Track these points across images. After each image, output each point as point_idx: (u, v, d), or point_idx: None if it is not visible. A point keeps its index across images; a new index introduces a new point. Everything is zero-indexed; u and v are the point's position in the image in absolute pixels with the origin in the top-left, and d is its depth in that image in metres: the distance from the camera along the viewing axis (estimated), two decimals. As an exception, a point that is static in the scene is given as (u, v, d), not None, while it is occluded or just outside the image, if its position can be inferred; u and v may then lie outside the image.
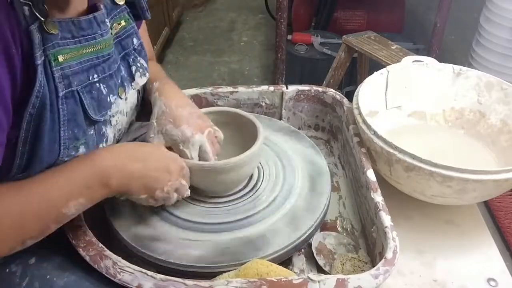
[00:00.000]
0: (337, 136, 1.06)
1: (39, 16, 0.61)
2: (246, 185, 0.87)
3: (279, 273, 0.70)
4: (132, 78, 0.82)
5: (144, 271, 0.66)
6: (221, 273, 0.72)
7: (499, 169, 0.77)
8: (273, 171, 0.90)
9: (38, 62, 0.62)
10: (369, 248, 0.82)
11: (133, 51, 0.82)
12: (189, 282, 0.64)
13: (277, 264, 0.73)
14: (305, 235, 0.78)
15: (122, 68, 0.80)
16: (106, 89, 0.74)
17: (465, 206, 0.90)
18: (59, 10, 0.67)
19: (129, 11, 0.82)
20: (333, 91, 1.06)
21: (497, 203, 0.99)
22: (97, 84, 0.72)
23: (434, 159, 0.77)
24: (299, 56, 2.27)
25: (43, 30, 0.62)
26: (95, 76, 0.71)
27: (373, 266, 0.69)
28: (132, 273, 0.66)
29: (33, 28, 0.61)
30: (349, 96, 0.97)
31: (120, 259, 0.68)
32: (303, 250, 0.82)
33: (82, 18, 0.69)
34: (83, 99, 0.69)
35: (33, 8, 0.61)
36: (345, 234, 0.87)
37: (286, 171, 0.90)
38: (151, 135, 0.81)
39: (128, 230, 0.78)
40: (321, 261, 0.80)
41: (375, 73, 0.99)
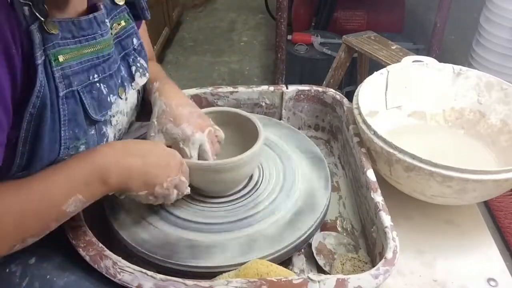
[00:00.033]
0: (337, 136, 1.06)
1: (39, 16, 0.62)
2: (246, 185, 0.87)
3: (279, 273, 0.70)
4: (132, 78, 0.82)
5: (144, 271, 0.66)
6: (221, 273, 0.72)
7: (499, 169, 0.77)
8: (273, 171, 0.90)
9: (38, 62, 0.62)
10: (369, 248, 0.82)
11: (133, 51, 0.83)
12: (189, 282, 0.64)
13: (277, 264, 0.73)
14: (305, 235, 0.78)
15: (122, 68, 0.80)
16: (106, 89, 0.74)
17: (465, 206, 0.90)
18: (59, 10, 0.68)
19: (129, 11, 0.82)
20: (333, 91, 1.06)
21: (497, 203, 0.99)
22: (98, 84, 0.72)
23: (434, 159, 0.77)
24: (299, 56, 2.27)
25: (43, 30, 0.62)
26: (96, 76, 0.71)
27: (373, 266, 0.69)
28: (132, 273, 0.66)
29: (33, 28, 0.61)
30: (349, 96, 0.97)
31: (120, 259, 0.68)
32: (303, 250, 0.82)
33: (82, 18, 0.69)
34: (84, 99, 0.69)
35: (33, 8, 0.61)
36: (345, 234, 0.87)
37: (286, 171, 0.90)
38: (152, 134, 0.81)
39: (128, 230, 0.78)
40: (321, 261, 0.80)
41: (375, 73, 0.99)
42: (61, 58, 0.65)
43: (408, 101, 1.03)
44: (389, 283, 0.75)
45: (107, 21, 0.74)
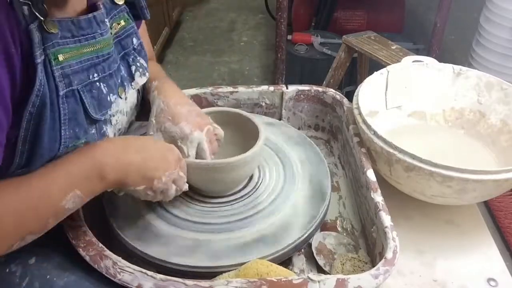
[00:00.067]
0: (337, 136, 1.06)
1: (39, 15, 0.62)
2: (246, 185, 0.87)
3: (279, 273, 0.70)
4: (132, 77, 0.82)
5: (144, 271, 0.66)
6: (221, 273, 0.72)
7: (499, 169, 0.77)
8: (273, 171, 0.90)
9: (38, 61, 0.62)
10: (369, 248, 0.82)
11: (132, 51, 0.83)
12: (189, 282, 0.64)
13: (277, 264, 0.73)
14: (305, 235, 0.78)
15: (122, 67, 0.80)
16: (106, 88, 0.74)
17: (465, 206, 0.90)
18: (58, 9, 0.68)
19: (128, 11, 0.82)
20: (333, 91, 1.06)
21: (497, 203, 0.99)
22: (97, 83, 0.72)
23: (434, 159, 0.77)
24: (299, 56, 2.27)
25: (42, 29, 0.62)
26: (95, 75, 0.71)
27: (373, 266, 0.69)
28: (132, 273, 0.66)
29: (33, 27, 0.61)
30: (349, 96, 0.97)
31: (120, 259, 0.68)
32: (303, 250, 0.82)
33: (81, 17, 0.69)
34: (84, 98, 0.69)
35: (32, 7, 0.61)
36: (345, 234, 0.87)
37: (286, 171, 0.90)
38: (150, 133, 0.81)
39: (128, 230, 0.78)
40: (321, 261, 0.80)
41: (375, 73, 0.99)
42: (61, 57, 0.65)
43: (408, 101, 1.03)
44: (389, 283, 0.75)
45: (106, 20, 0.74)
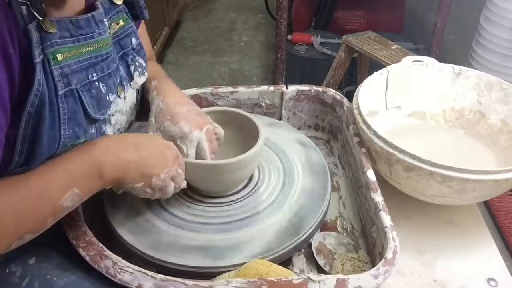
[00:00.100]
0: (337, 136, 1.06)
1: (37, 15, 0.61)
2: (246, 185, 0.87)
3: (279, 273, 0.70)
4: (131, 77, 0.82)
5: (144, 271, 0.66)
6: (221, 273, 0.72)
7: (499, 169, 0.77)
8: (273, 171, 0.90)
9: (36, 60, 0.62)
10: (369, 248, 0.82)
11: (131, 51, 0.83)
12: (189, 282, 0.64)
13: (277, 264, 0.73)
14: (305, 235, 0.78)
15: (120, 67, 0.80)
16: (105, 88, 0.74)
17: (465, 206, 0.90)
18: (56, 9, 0.67)
19: (127, 11, 0.82)
20: (333, 91, 1.06)
21: (497, 203, 0.99)
22: (96, 83, 0.72)
23: (434, 159, 0.77)
24: (299, 56, 2.27)
25: (41, 29, 0.62)
26: (94, 75, 0.71)
27: (373, 266, 0.69)
28: (132, 273, 0.66)
29: (31, 27, 0.61)
30: (349, 96, 0.97)
31: (120, 259, 0.68)
32: (303, 250, 0.82)
33: (80, 17, 0.69)
34: (83, 98, 0.69)
35: (30, 7, 0.61)
36: (345, 234, 0.87)
37: (286, 171, 0.90)
38: (150, 133, 0.81)
39: (128, 230, 0.78)
40: (321, 261, 0.80)
41: (375, 73, 0.99)
42: (59, 57, 0.65)
43: (408, 101, 1.03)
44: (389, 283, 0.75)
45: (105, 20, 0.74)
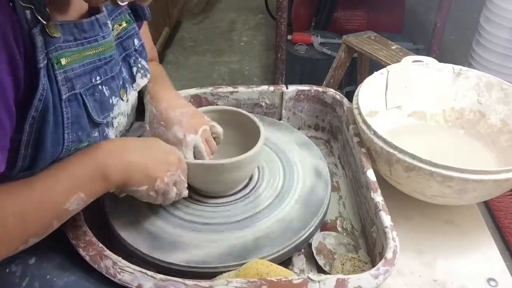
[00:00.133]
0: (337, 136, 1.06)
1: (41, 19, 0.61)
2: (246, 185, 0.87)
3: (279, 273, 0.70)
4: (133, 79, 0.82)
5: (144, 271, 0.66)
6: (221, 273, 0.72)
7: (499, 169, 0.77)
8: (273, 171, 0.90)
9: (40, 65, 0.61)
10: (369, 248, 0.82)
11: (134, 52, 0.82)
12: (189, 282, 0.65)
13: (277, 264, 0.73)
14: (305, 235, 0.78)
15: (123, 69, 0.80)
16: (108, 91, 0.74)
17: (465, 206, 0.90)
18: (60, 12, 0.67)
19: (130, 12, 0.81)
20: (333, 91, 1.06)
21: (497, 203, 0.99)
22: (100, 86, 0.72)
23: (434, 159, 0.77)
24: (299, 56, 2.27)
25: (45, 33, 0.62)
26: (98, 78, 0.71)
27: (373, 266, 0.70)
28: (132, 273, 0.66)
29: (35, 31, 0.60)
30: (349, 96, 0.97)
31: (120, 259, 0.68)
32: (303, 250, 0.82)
33: (84, 20, 0.68)
34: (86, 102, 0.69)
35: (35, 11, 0.61)
36: (345, 234, 0.87)
37: (286, 171, 0.90)
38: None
39: (128, 230, 0.78)
40: (321, 261, 0.80)
41: (375, 73, 0.99)
42: (63, 61, 0.65)
43: (408, 101, 1.03)
44: (389, 283, 0.75)
45: (108, 22, 0.74)
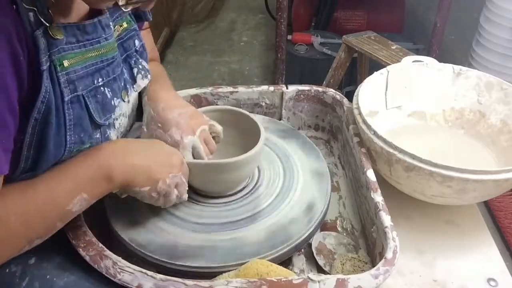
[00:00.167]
0: (337, 136, 1.06)
1: (44, 21, 0.61)
2: (246, 185, 0.87)
3: (279, 273, 0.70)
4: (134, 80, 0.82)
5: (144, 271, 0.66)
6: (221, 273, 0.72)
7: (499, 169, 0.77)
8: (273, 171, 0.90)
9: (43, 67, 0.61)
10: (369, 248, 0.82)
11: (134, 53, 0.82)
12: (189, 282, 0.65)
13: (277, 264, 0.73)
14: (305, 235, 0.78)
15: (124, 70, 0.79)
16: (110, 93, 0.74)
17: (465, 206, 0.90)
18: (62, 15, 0.67)
19: (130, 12, 0.81)
20: (333, 91, 1.06)
21: (497, 203, 0.99)
22: (102, 88, 0.72)
23: (434, 159, 0.77)
24: (299, 56, 2.27)
25: (48, 35, 0.62)
26: (100, 80, 0.71)
27: (373, 266, 0.70)
28: (132, 273, 0.66)
29: (38, 33, 0.60)
30: (349, 96, 0.97)
31: (120, 259, 0.68)
32: (303, 250, 0.82)
33: (87, 22, 0.68)
34: (88, 104, 0.69)
35: (38, 13, 0.61)
36: (345, 234, 0.87)
37: (286, 171, 0.90)
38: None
39: (128, 230, 0.78)
40: (321, 261, 0.80)
41: (375, 73, 0.99)
42: (66, 63, 0.65)
43: (408, 101, 1.03)
44: (389, 283, 0.75)
45: (111, 24, 0.74)
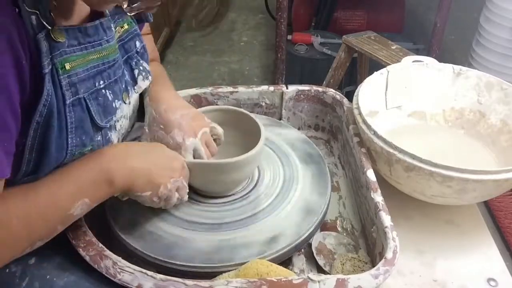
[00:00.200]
0: (337, 136, 1.06)
1: (46, 24, 0.61)
2: (246, 186, 0.87)
3: (279, 273, 0.70)
4: (135, 81, 0.82)
5: (144, 271, 0.66)
6: (221, 273, 0.72)
7: (499, 169, 0.77)
8: (273, 171, 0.90)
9: (45, 71, 0.61)
10: (369, 248, 0.82)
11: (135, 54, 0.82)
12: (189, 282, 0.65)
13: (277, 264, 0.73)
14: (305, 235, 0.78)
15: (125, 72, 0.79)
16: (111, 95, 0.74)
17: (465, 206, 0.90)
18: (64, 17, 0.67)
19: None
20: (333, 91, 1.06)
21: (497, 203, 0.99)
22: (103, 90, 0.72)
23: (434, 159, 0.77)
24: (299, 56, 2.27)
25: (50, 38, 0.62)
26: (101, 82, 0.71)
27: (373, 266, 0.70)
28: (132, 273, 0.66)
29: (40, 36, 0.60)
30: (349, 96, 0.97)
31: (120, 259, 0.68)
32: (303, 250, 0.82)
33: (88, 25, 0.68)
34: (90, 106, 0.69)
35: (40, 16, 0.61)
36: (345, 234, 0.87)
37: (285, 171, 0.90)
38: (143, 142, 0.82)
39: (128, 230, 0.78)
40: (321, 261, 0.80)
41: (375, 73, 0.99)
42: (67, 66, 0.65)
43: (408, 101, 1.03)
44: (389, 283, 0.75)
45: (112, 26, 0.74)
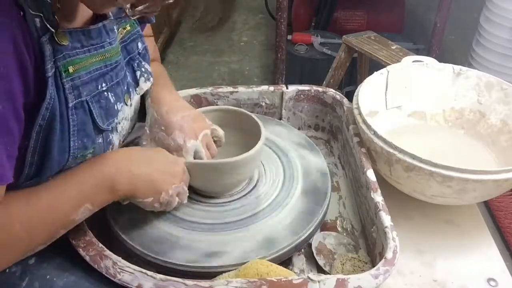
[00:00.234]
0: (337, 136, 1.06)
1: (50, 27, 0.61)
2: (246, 186, 0.87)
3: (279, 273, 0.70)
4: (136, 83, 0.82)
5: (144, 271, 0.66)
6: (221, 273, 0.72)
7: (499, 169, 0.77)
8: (273, 171, 0.90)
9: (49, 74, 0.61)
10: (369, 248, 0.82)
11: (137, 56, 0.82)
12: (189, 282, 0.65)
13: (277, 264, 0.73)
14: (305, 235, 0.78)
15: (127, 73, 0.79)
16: (113, 98, 0.74)
17: (465, 206, 0.90)
18: (68, 20, 0.67)
19: None
20: (333, 91, 1.06)
21: (497, 203, 0.99)
22: (105, 93, 0.72)
23: (434, 159, 0.77)
24: (299, 56, 2.27)
25: (53, 41, 0.62)
26: (104, 85, 0.71)
27: (373, 266, 0.70)
28: (132, 273, 0.66)
29: (44, 40, 0.60)
30: (349, 96, 0.97)
31: (120, 259, 0.68)
32: (303, 250, 0.82)
33: (91, 27, 0.68)
34: (92, 109, 0.69)
35: (44, 19, 0.60)
36: (345, 234, 0.87)
37: (286, 171, 0.90)
38: (144, 143, 0.82)
39: (128, 230, 0.78)
40: (321, 261, 0.80)
41: (375, 73, 1.00)
42: (71, 69, 0.65)
43: (408, 101, 1.03)
44: (389, 283, 0.75)
45: (115, 28, 0.74)
